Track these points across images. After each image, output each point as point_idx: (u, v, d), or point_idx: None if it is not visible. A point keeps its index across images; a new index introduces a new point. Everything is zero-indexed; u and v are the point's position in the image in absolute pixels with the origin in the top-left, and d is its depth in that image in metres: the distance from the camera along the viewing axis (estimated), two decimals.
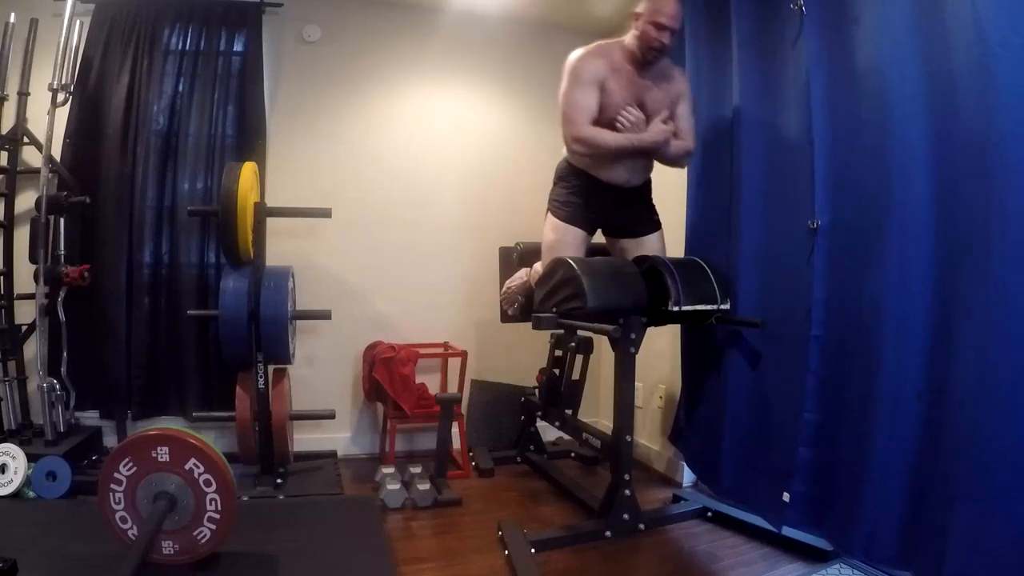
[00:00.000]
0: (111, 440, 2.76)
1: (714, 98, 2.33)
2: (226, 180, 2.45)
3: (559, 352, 2.82)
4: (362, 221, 3.12)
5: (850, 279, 1.74)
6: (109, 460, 1.70)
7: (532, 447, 3.03)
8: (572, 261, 2.09)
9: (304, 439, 2.96)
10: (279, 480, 2.54)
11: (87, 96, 2.74)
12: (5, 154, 2.62)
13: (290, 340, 2.59)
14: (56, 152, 2.61)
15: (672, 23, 2.06)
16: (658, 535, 2.22)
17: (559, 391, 2.74)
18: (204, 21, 2.89)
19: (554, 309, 2.13)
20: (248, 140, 2.91)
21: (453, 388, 3.05)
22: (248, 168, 2.52)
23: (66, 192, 2.58)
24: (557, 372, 2.80)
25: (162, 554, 1.74)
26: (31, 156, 2.68)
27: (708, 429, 2.30)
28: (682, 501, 2.47)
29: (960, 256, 1.47)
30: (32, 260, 2.52)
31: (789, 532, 1.98)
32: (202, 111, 2.87)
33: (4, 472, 2.23)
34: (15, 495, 2.21)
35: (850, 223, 1.76)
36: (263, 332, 2.50)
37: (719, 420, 2.22)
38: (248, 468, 2.58)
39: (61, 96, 2.57)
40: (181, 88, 2.87)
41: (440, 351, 3.15)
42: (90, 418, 2.79)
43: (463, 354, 3.02)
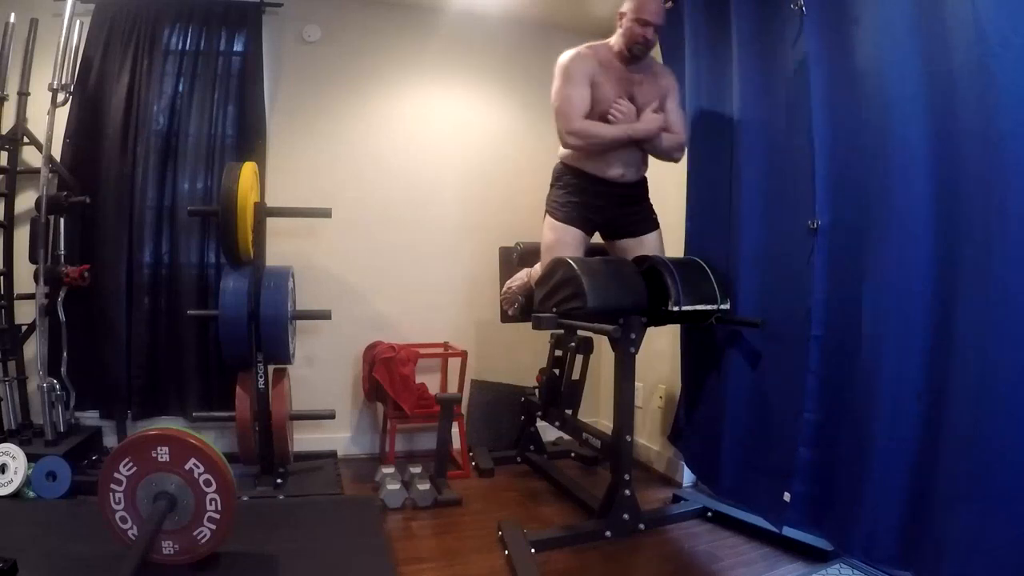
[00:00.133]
0: (111, 440, 2.76)
1: (714, 98, 2.33)
2: (226, 180, 2.45)
3: (559, 352, 2.82)
4: (362, 221, 3.12)
5: (850, 279, 1.74)
6: (109, 460, 1.70)
7: (532, 447, 3.03)
8: (572, 261, 2.09)
9: (304, 439, 2.96)
10: (279, 480, 2.54)
11: (87, 96, 2.74)
12: (5, 154, 2.62)
13: (290, 340, 2.59)
14: (56, 152, 2.61)
15: (656, 19, 2.15)
16: (658, 535, 2.22)
17: (559, 391, 2.73)
18: (204, 21, 2.89)
19: (554, 309, 2.13)
20: (248, 140, 2.91)
21: (453, 388, 3.04)
22: (248, 168, 2.52)
23: (66, 192, 2.58)
24: (557, 372, 2.79)
25: (162, 554, 1.74)
26: (31, 156, 2.68)
27: (708, 429, 2.30)
28: (682, 501, 2.47)
29: (960, 256, 1.47)
30: (32, 260, 2.52)
31: (789, 532, 1.99)
32: (202, 111, 2.87)
33: (4, 472, 2.23)
34: (15, 495, 2.21)
35: (850, 223, 1.76)
36: (263, 332, 2.50)
37: (719, 420, 2.22)
38: (248, 468, 2.58)
39: (61, 96, 2.57)
40: (181, 88, 2.87)
41: (440, 351, 3.15)
42: (90, 418, 2.79)
43: (463, 354, 3.02)
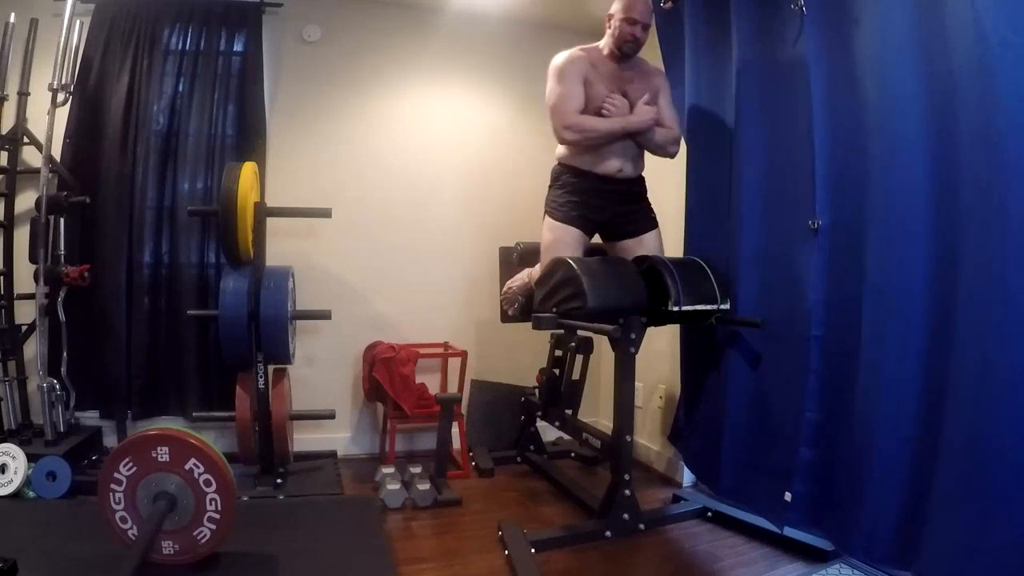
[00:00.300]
0: (111, 440, 2.76)
1: (714, 98, 2.33)
2: (226, 180, 2.45)
3: (559, 352, 2.82)
4: (362, 221, 3.12)
5: (850, 279, 1.74)
6: (109, 460, 1.70)
7: (532, 447, 3.03)
8: (572, 261, 2.09)
9: (304, 439, 2.96)
10: (279, 480, 2.54)
11: (87, 96, 2.74)
12: (5, 154, 2.62)
13: (290, 340, 2.59)
14: (56, 152, 2.61)
15: (643, 18, 2.22)
16: (658, 535, 2.22)
17: (559, 391, 2.74)
18: (204, 21, 2.88)
19: (554, 309, 2.13)
20: (248, 140, 2.91)
21: (453, 388, 3.04)
22: (248, 168, 2.52)
23: (66, 192, 2.58)
24: (557, 372, 2.80)
25: (162, 554, 1.74)
26: (31, 156, 2.68)
27: (708, 429, 2.30)
28: (682, 501, 2.47)
29: (960, 256, 1.47)
30: (32, 260, 2.52)
31: (789, 532, 1.99)
32: (202, 111, 2.87)
33: (4, 472, 2.23)
34: (15, 495, 2.21)
35: (850, 223, 1.76)
36: (263, 332, 2.50)
37: (719, 420, 2.22)
38: (248, 468, 2.58)
39: (61, 96, 2.57)
40: (181, 88, 2.87)
41: (440, 351, 3.15)
42: (90, 418, 2.79)
43: (463, 354, 3.02)
